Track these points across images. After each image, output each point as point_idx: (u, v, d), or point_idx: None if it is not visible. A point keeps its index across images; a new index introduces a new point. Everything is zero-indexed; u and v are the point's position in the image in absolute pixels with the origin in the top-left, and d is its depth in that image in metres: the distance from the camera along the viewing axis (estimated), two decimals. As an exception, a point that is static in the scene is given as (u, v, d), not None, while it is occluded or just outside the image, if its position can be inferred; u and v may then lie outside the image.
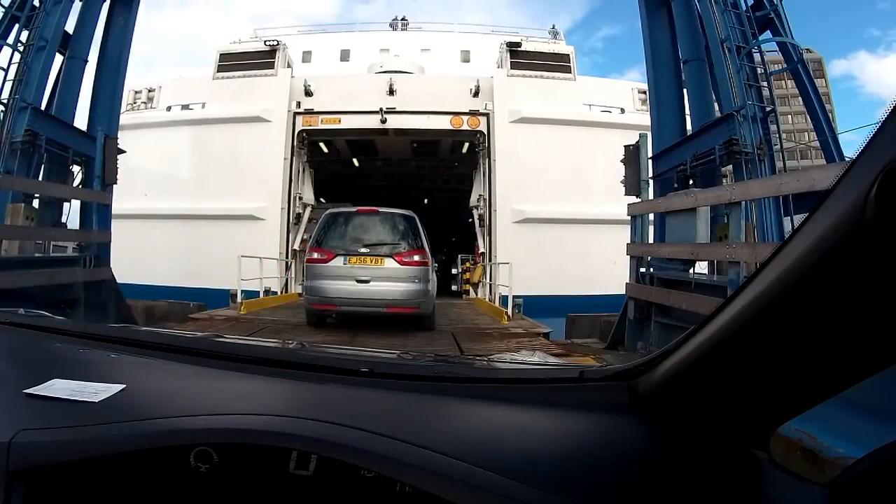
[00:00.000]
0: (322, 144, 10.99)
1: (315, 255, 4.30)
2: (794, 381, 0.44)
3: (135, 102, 10.23)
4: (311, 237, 9.76)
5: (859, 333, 0.37)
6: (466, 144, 10.67)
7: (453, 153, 11.62)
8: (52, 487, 0.54)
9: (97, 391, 0.59)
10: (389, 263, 4.22)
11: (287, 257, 9.55)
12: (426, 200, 16.98)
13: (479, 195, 9.90)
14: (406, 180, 14.53)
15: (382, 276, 4.18)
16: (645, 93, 10.34)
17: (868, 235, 0.32)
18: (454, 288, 12.50)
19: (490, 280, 8.85)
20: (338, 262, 4.21)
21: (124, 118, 9.98)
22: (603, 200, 8.85)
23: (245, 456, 0.56)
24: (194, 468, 0.57)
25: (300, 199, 9.95)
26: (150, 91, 10.32)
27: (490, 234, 9.51)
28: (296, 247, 9.84)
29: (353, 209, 4.80)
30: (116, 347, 0.72)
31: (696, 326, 0.48)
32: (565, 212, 9.04)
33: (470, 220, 10.89)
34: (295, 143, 9.69)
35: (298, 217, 9.97)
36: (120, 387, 0.60)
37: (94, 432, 0.54)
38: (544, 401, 0.56)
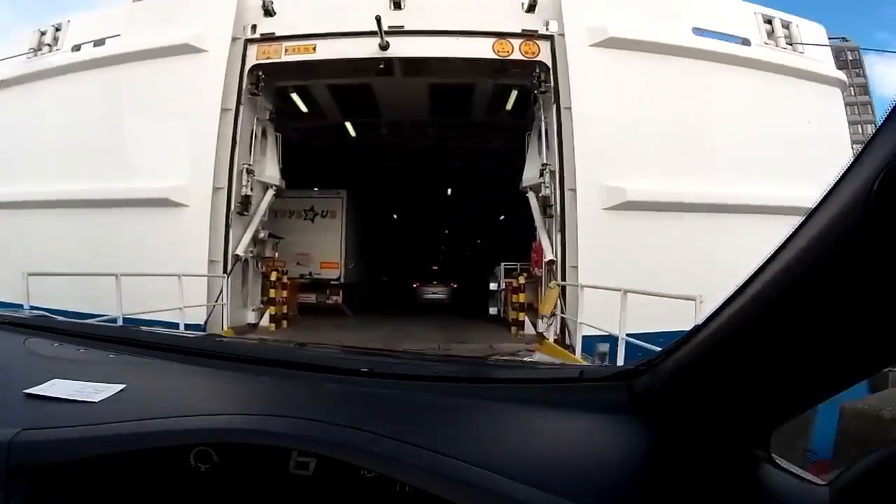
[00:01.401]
0: (295, 96, 11.15)
1: (415, 285, 22.32)
2: (794, 381, 0.74)
3: (39, 47, 10.78)
4: (269, 234, 11.14)
5: (859, 333, 0.62)
6: (514, 94, 10.63)
7: (495, 110, 11.55)
8: (52, 487, 0.93)
9: (97, 391, 1.00)
10: (441, 286, 22.34)
11: (226, 269, 9.46)
12: (449, 191, 17.74)
13: (543, 167, 9.75)
14: (421, 160, 15.22)
15: (439, 291, 21.98)
16: (770, 22, 9.95)
17: (868, 234, 0.53)
18: (492, 311, 12.84)
19: (563, 311, 8.60)
20: (425, 286, 22.30)
21: (21, 66, 10.56)
22: (739, 176, 8.55)
23: (245, 456, 0.94)
24: (194, 468, 0.95)
25: (250, 173, 10.01)
26: (56, 29, 10.74)
27: (563, 230, 9.33)
28: (240, 251, 9.71)
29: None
30: (116, 347, 1.14)
31: (696, 326, 0.81)
32: (690, 194, 8.87)
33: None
34: (245, 86, 9.79)
35: (247, 202, 9.99)
36: (120, 387, 1.01)
37: (94, 432, 0.92)
38: (544, 401, 0.92)
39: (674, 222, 9.06)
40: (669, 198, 9.02)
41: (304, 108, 11.90)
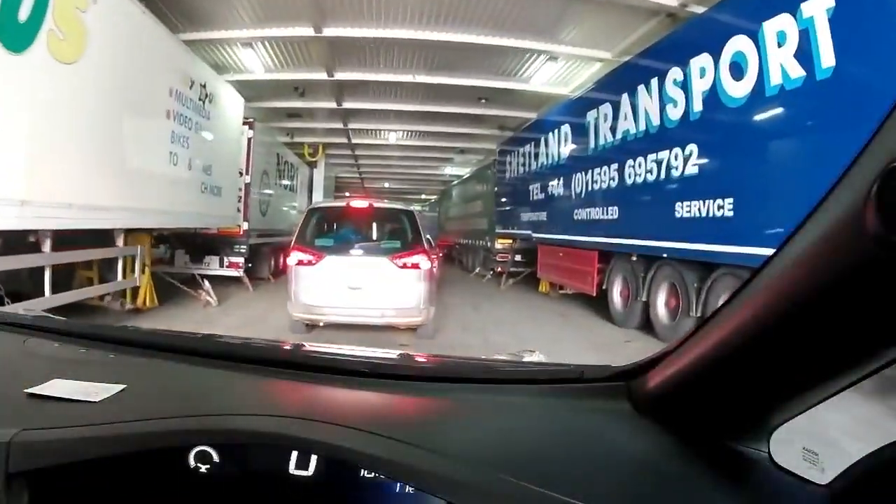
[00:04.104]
0: None
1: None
2: (796, 382, 0.76)
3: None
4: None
5: (860, 334, 0.64)
6: None
7: None
8: (52, 487, 0.94)
9: (97, 391, 1.00)
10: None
11: None
12: None
13: None
14: None
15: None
16: None
17: (869, 234, 0.53)
18: None
19: None
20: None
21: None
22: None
23: (245, 456, 0.95)
24: (194, 469, 0.96)
25: None
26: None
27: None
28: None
29: None
30: (116, 347, 1.15)
31: (697, 326, 0.82)
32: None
33: None
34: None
35: None
36: (120, 387, 1.01)
37: (94, 432, 0.93)
38: (545, 400, 0.92)
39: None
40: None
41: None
